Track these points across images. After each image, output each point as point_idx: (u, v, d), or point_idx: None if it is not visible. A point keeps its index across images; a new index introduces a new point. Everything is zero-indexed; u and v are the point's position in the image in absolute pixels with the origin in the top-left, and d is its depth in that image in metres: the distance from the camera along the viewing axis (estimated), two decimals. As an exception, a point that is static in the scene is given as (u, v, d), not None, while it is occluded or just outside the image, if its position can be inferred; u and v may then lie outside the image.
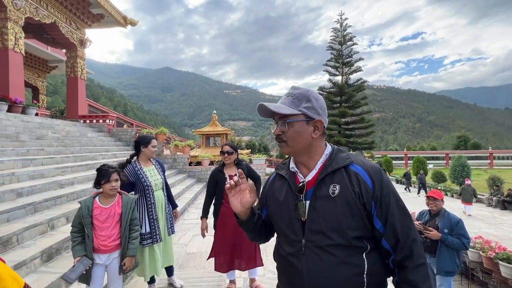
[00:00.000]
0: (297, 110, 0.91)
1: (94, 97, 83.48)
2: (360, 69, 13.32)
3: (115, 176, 2.02)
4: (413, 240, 0.89)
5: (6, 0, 7.17)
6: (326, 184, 0.91)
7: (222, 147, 2.74)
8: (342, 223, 0.86)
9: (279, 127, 0.94)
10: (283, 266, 1.00)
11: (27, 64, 12.79)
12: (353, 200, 0.87)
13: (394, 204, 0.89)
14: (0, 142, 5.10)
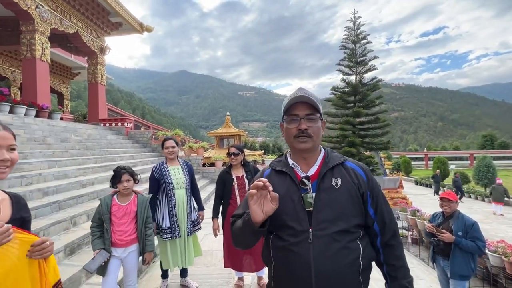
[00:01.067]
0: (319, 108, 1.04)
1: (114, 101, 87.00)
2: (375, 67, 12.98)
3: (126, 177, 2.19)
4: (395, 223, 1.10)
5: (34, 13, 7.72)
6: (328, 177, 1.02)
7: (228, 148, 2.84)
8: (346, 211, 0.98)
9: (306, 122, 1.01)
10: (284, 256, 1.02)
11: (53, 71, 13.62)
12: (354, 190, 1.01)
13: (380, 195, 1.08)
14: (29, 145, 5.52)
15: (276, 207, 0.95)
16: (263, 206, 0.94)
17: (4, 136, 0.93)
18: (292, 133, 1.04)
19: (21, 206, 1.03)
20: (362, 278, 1.00)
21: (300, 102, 1.03)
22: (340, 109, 13.60)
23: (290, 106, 1.05)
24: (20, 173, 4.33)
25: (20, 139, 5.57)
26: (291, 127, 1.04)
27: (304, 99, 1.02)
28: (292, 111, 1.04)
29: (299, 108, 1.03)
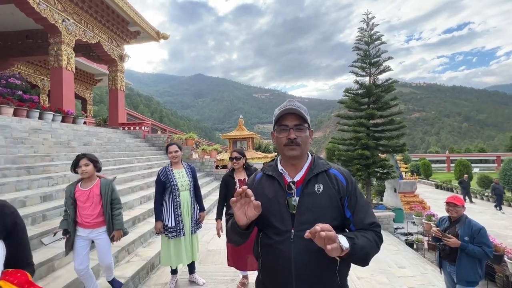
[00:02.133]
0: (307, 119, 1.15)
1: (134, 104, 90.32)
2: (389, 68, 12.67)
3: (83, 161, 2.37)
4: (377, 225, 1.12)
5: (61, 26, 8.35)
6: (312, 183, 1.12)
7: (231, 153, 2.97)
8: (326, 215, 1.07)
9: (294, 131, 1.11)
10: (270, 253, 1.14)
11: (77, 78, 14.52)
12: (334, 195, 1.10)
13: (360, 198, 1.15)
14: (55, 148, 6.00)
15: (258, 213, 1.03)
16: (246, 212, 1.04)
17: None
18: (282, 142, 1.14)
19: (5, 217, 1.01)
20: (339, 275, 1.10)
21: (289, 113, 1.13)
22: (354, 111, 13.41)
23: (280, 117, 1.15)
24: (48, 174, 4.74)
25: (48, 143, 6.06)
26: (281, 136, 1.14)
27: (293, 110, 1.12)
28: (282, 121, 1.14)
29: (289, 119, 1.14)
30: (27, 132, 6.00)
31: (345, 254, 0.95)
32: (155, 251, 3.73)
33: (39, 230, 3.17)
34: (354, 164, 12.23)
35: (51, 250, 2.99)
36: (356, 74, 13.21)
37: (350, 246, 0.96)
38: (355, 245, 0.98)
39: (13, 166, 4.38)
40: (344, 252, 0.94)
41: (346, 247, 0.95)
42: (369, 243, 1.04)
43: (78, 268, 2.40)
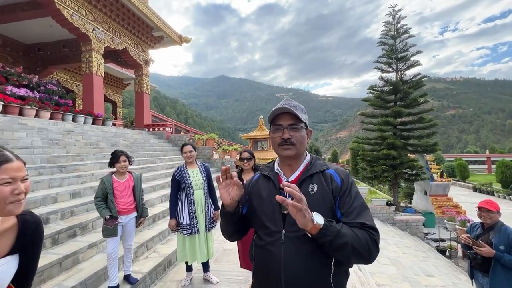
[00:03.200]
0: (303, 118, 1.11)
1: (161, 107, 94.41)
2: (418, 63, 11.89)
3: (123, 158, 2.76)
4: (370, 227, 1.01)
5: (91, 35, 8.96)
6: (306, 184, 1.09)
7: (240, 154, 2.94)
8: None
9: (289, 131, 1.09)
10: (261, 254, 1.13)
11: (107, 83, 15.48)
12: (328, 196, 1.06)
13: (355, 200, 1.07)
14: (85, 149, 6.43)
15: (240, 193, 1.08)
16: (230, 192, 1.08)
17: (19, 167, 0.88)
18: (276, 142, 1.12)
19: (27, 234, 0.96)
20: (333, 283, 1.03)
21: (284, 113, 1.11)
22: (379, 109, 12.80)
23: (275, 116, 1.13)
24: (77, 173, 5.09)
25: (79, 144, 6.52)
26: (275, 136, 1.12)
27: (286, 110, 1.09)
28: (277, 121, 1.12)
29: (283, 118, 1.11)
30: (61, 134, 6.51)
31: (318, 233, 0.93)
32: (172, 248, 3.84)
33: (67, 224, 3.40)
34: (380, 165, 11.67)
35: (76, 243, 3.21)
36: (382, 70, 12.60)
37: (324, 225, 0.93)
38: (331, 227, 0.94)
39: (47, 165, 4.76)
40: (315, 228, 0.92)
41: (319, 223, 0.92)
42: (354, 236, 0.96)
43: (111, 251, 2.66)
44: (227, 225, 1.22)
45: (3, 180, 0.83)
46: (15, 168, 0.87)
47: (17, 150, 4.82)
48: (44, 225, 3.30)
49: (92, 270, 2.87)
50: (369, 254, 0.98)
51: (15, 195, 0.85)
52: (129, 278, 2.88)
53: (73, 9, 8.31)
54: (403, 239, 8.11)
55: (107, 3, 9.38)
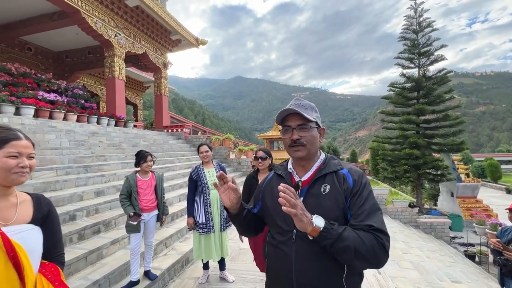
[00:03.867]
0: (313, 118, 1.10)
1: (179, 108, 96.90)
2: (443, 57, 11.27)
3: (149, 158, 2.93)
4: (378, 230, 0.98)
5: (114, 41, 9.39)
6: (319, 183, 1.08)
7: (255, 152, 2.84)
8: (329, 216, 1.01)
9: (298, 132, 1.08)
10: (273, 253, 1.14)
11: (128, 86, 16.12)
12: (340, 196, 1.05)
13: (366, 201, 1.04)
14: (109, 150, 6.74)
15: (237, 196, 1.14)
16: (229, 196, 1.14)
17: (25, 145, 1.01)
18: (287, 143, 1.11)
19: (42, 205, 1.11)
20: (346, 284, 1.01)
21: (292, 114, 1.10)
22: (400, 107, 12.31)
23: (283, 118, 1.12)
24: (101, 172, 5.35)
25: (103, 145, 6.84)
26: (285, 137, 1.12)
27: (293, 111, 1.08)
28: (286, 122, 1.12)
29: (291, 119, 1.10)
30: (86, 136, 6.87)
31: (318, 236, 0.93)
32: (190, 246, 3.92)
33: (92, 221, 3.58)
34: (401, 165, 11.22)
35: (100, 239, 3.37)
36: (403, 67, 12.10)
37: (324, 227, 0.92)
38: (331, 229, 0.93)
39: (74, 165, 5.04)
40: (315, 231, 0.93)
41: (318, 226, 0.92)
42: (357, 239, 0.93)
43: (134, 247, 2.80)
44: (236, 225, 1.26)
45: (10, 153, 0.97)
46: (23, 145, 1.01)
47: (48, 151, 5.15)
48: (71, 222, 3.51)
49: (114, 265, 3.01)
50: (375, 258, 0.95)
51: (19, 167, 0.98)
52: (149, 274, 2.98)
53: (97, 17, 8.75)
54: (427, 243, 7.73)
55: (128, 9, 9.78)
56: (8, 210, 1.00)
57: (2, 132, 0.99)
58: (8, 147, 0.97)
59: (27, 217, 1.04)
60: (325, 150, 34.68)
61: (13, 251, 0.91)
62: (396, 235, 7.06)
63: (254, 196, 1.33)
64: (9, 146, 0.97)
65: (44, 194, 3.86)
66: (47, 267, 1.05)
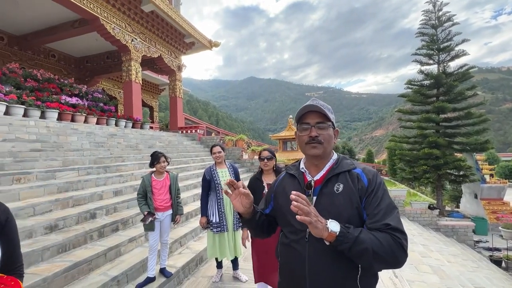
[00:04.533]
0: (331, 118, 1.13)
1: (193, 110, 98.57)
2: (464, 53, 10.73)
3: (162, 159, 3.00)
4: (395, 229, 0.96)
5: (130, 46, 9.72)
6: (332, 183, 1.09)
7: (260, 152, 2.67)
8: (343, 216, 1.01)
9: (316, 129, 1.09)
10: (286, 252, 1.15)
11: (145, 89, 16.61)
12: (354, 195, 1.04)
13: (382, 201, 1.03)
14: (126, 151, 6.98)
15: (249, 201, 1.14)
16: (242, 201, 1.15)
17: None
18: (304, 140, 1.12)
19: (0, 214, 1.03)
20: (361, 285, 1.01)
21: (311, 111, 1.12)
22: (418, 105, 11.87)
23: (302, 115, 1.14)
24: (120, 173, 5.54)
25: (121, 146, 7.10)
26: (302, 135, 1.13)
27: (314, 108, 1.10)
28: (304, 119, 1.13)
29: (311, 117, 1.12)
30: (105, 137, 7.15)
31: (335, 241, 0.92)
32: (204, 245, 3.99)
33: (111, 219, 3.73)
34: (420, 165, 10.82)
35: (118, 237, 3.50)
36: (421, 63, 11.67)
37: (340, 231, 0.91)
38: (348, 233, 0.92)
39: (94, 165, 5.27)
40: (331, 236, 0.92)
41: (334, 231, 0.91)
42: (374, 241, 0.92)
43: (152, 244, 2.90)
44: (249, 229, 1.29)
45: None
46: None
47: (70, 152, 5.42)
48: (92, 220, 3.67)
49: (132, 262, 3.11)
50: (394, 258, 0.93)
51: None
52: (164, 272, 3.07)
53: (115, 23, 9.10)
54: (449, 246, 7.41)
55: (144, 15, 10.09)
56: None
57: None
58: None
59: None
60: (340, 150, 34.04)
61: None
62: (415, 238, 6.82)
63: (265, 196, 1.35)
64: None
65: (67, 193, 4.06)
66: (6, 281, 0.97)
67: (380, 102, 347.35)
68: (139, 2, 9.57)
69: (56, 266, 2.59)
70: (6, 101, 5.90)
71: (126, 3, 9.26)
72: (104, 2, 8.61)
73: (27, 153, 4.63)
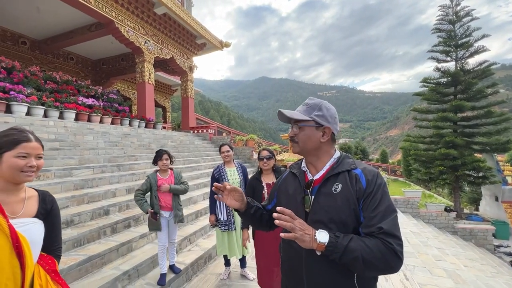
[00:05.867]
0: (309, 117, 1.11)
1: (205, 110, 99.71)
2: (484, 49, 10.25)
3: (165, 156, 2.97)
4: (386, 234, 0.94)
5: (144, 48, 9.97)
6: (331, 183, 1.08)
7: (259, 152, 2.66)
8: (340, 216, 1.02)
9: (293, 130, 1.14)
10: (286, 249, 1.17)
11: (157, 89, 16.97)
12: (351, 196, 1.03)
13: (381, 204, 1.00)
14: (139, 150, 7.17)
15: (239, 192, 1.20)
16: (234, 196, 1.21)
17: (34, 146, 1.10)
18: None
19: (46, 201, 1.20)
20: (358, 284, 1.01)
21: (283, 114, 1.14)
22: (434, 104, 11.47)
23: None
24: (132, 171, 5.70)
25: (134, 145, 7.30)
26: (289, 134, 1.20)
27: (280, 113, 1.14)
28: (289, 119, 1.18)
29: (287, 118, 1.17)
30: (120, 137, 7.38)
31: (324, 251, 0.93)
32: (212, 243, 4.04)
33: (123, 216, 3.85)
34: (436, 166, 10.46)
35: (130, 233, 3.61)
36: (438, 60, 11.27)
37: (328, 242, 0.92)
38: (337, 243, 0.92)
39: (109, 164, 5.45)
40: (321, 247, 0.93)
41: (322, 242, 0.92)
42: (365, 249, 0.91)
43: (163, 243, 2.94)
44: (248, 221, 1.34)
45: (20, 154, 1.06)
46: (32, 146, 1.09)
47: (86, 151, 5.63)
48: (105, 216, 3.80)
49: (143, 257, 3.21)
50: (386, 265, 0.92)
51: (28, 167, 1.07)
52: (174, 268, 3.14)
53: (129, 26, 9.36)
54: (466, 250, 7.12)
55: (156, 17, 10.32)
56: (16, 204, 1.10)
57: (14, 134, 1.08)
58: (19, 148, 1.06)
59: (32, 212, 1.13)
60: (352, 150, 33.39)
61: (18, 241, 0.99)
62: (430, 240, 6.61)
63: (270, 193, 1.38)
64: (20, 148, 1.06)
65: (82, 190, 4.22)
66: (45, 259, 1.14)
67: (395, 101, 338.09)
68: (152, 5, 9.80)
69: (71, 259, 2.71)
70: (28, 103, 6.21)
71: (140, 6, 9.51)
72: (119, 6, 8.88)
73: (46, 152, 4.86)
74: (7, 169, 1.04)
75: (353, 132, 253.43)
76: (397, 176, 23.67)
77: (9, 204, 1.07)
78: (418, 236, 6.59)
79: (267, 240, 2.46)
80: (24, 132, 1.11)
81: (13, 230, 0.99)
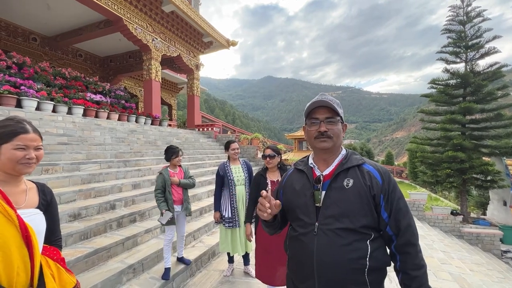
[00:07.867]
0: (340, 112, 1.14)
1: (211, 108, 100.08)
2: (495, 50, 10.05)
3: (180, 153, 3.12)
4: (412, 233, 1.05)
5: (151, 45, 10.05)
6: (341, 178, 1.09)
7: (263, 150, 2.67)
8: (353, 211, 1.03)
9: (325, 124, 1.11)
10: (294, 245, 1.16)
11: (164, 87, 17.09)
12: (364, 191, 1.04)
13: (399, 200, 1.06)
14: (145, 146, 7.24)
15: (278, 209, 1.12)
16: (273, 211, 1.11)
17: (32, 138, 1.08)
18: (312, 135, 1.13)
19: (46, 193, 1.22)
20: (369, 279, 1.01)
21: (320, 107, 1.13)
22: (442, 105, 11.29)
23: (311, 110, 1.15)
24: (138, 167, 5.76)
25: (140, 142, 7.37)
26: (311, 129, 1.14)
27: (324, 103, 1.11)
28: (313, 114, 1.14)
29: (320, 112, 1.13)
30: (126, 133, 7.46)
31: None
32: (216, 240, 4.06)
33: (129, 211, 3.90)
34: (443, 169, 10.29)
35: (135, 228, 3.65)
36: (447, 62, 11.09)
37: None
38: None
39: (115, 159, 5.51)
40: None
41: None
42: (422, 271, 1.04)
43: (170, 238, 2.98)
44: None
45: (18, 146, 1.04)
46: (30, 138, 1.07)
47: (94, 146, 5.71)
48: (111, 210, 3.85)
49: (148, 252, 3.24)
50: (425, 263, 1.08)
51: (26, 159, 1.06)
52: (184, 260, 3.24)
53: (137, 23, 9.45)
54: (472, 255, 7.01)
55: (164, 15, 10.39)
56: (19, 195, 1.10)
57: (12, 126, 1.05)
58: (16, 140, 1.04)
59: (34, 203, 1.14)
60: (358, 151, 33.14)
61: (27, 231, 1.00)
62: (435, 243, 6.52)
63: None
64: (17, 139, 1.04)
65: (90, 184, 4.28)
66: (49, 250, 1.16)
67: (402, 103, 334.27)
68: (160, 2, 9.87)
69: (78, 251, 2.76)
70: (38, 98, 6.32)
71: (148, 4, 9.58)
72: (127, 3, 8.96)
73: (55, 146, 4.94)
74: (6, 161, 1.03)
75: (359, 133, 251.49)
76: (402, 178, 23.41)
77: (12, 195, 1.06)
78: (423, 239, 6.52)
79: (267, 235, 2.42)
80: (21, 123, 1.08)
81: (21, 220, 1.00)
